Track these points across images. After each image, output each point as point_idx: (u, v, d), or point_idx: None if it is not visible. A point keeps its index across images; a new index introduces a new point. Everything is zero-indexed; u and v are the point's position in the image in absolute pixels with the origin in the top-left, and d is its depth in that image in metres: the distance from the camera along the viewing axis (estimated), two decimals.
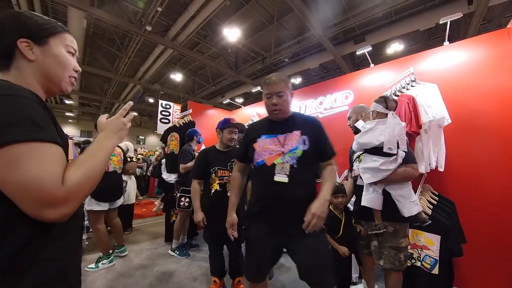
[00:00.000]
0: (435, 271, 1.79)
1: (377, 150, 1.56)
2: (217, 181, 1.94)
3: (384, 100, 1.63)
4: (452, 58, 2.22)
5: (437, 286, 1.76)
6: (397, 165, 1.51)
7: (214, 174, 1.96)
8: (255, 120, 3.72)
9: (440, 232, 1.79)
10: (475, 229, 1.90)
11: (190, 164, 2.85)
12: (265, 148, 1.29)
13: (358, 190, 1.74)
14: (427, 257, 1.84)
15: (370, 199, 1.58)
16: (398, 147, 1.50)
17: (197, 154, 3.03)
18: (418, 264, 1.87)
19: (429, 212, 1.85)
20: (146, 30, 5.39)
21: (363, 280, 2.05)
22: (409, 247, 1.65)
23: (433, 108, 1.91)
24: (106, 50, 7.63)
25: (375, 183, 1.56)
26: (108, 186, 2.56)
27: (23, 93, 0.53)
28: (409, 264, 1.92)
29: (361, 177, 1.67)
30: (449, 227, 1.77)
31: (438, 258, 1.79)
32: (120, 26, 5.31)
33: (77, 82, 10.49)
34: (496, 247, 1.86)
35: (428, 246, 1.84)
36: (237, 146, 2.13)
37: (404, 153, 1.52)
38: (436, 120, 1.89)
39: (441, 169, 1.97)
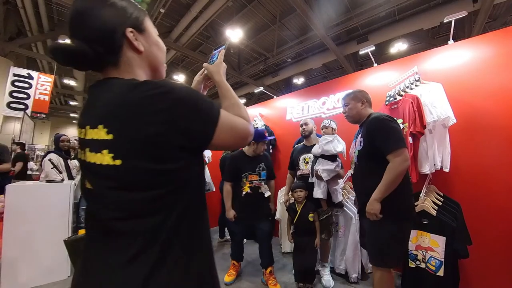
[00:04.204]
0: (440, 273, 1.77)
1: (331, 157, 2.08)
2: (248, 185, 2.21)
3: (335, 122, 2.26)
4: (457, 57, 2.19)
5: None
6: (340, 168, 2.13)
7: (245, 179, 2.22)
8: (257, 121, 3.70)
9: (445, 233, 1.77)
10: (481, 231, 1.87)
11: None
12: None
13: (309, 186, 2.19)
14: (432, 258, 1.82)
15: (322, 192, 2.08)
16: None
17: None
18: (423, 266, 1.85)
19: (434, 213, 1.83)
20: None
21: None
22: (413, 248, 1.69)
23: (438, 107, 1.89)
24: None
25: (326, 180, 2.05)
26: None
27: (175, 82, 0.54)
28: (413, 266, 1.90)
29: (318, 176, 2.06)
30: (454, 228, 1.75)
31: (443, 259, 1.77)
32: None
33: (81, 83, 10.49)
34: (502, 249, 1.83)
35: (433, 247, 1.82)
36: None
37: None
38: (441, 120, 1.87)
39: (446, 170, 1.94)
